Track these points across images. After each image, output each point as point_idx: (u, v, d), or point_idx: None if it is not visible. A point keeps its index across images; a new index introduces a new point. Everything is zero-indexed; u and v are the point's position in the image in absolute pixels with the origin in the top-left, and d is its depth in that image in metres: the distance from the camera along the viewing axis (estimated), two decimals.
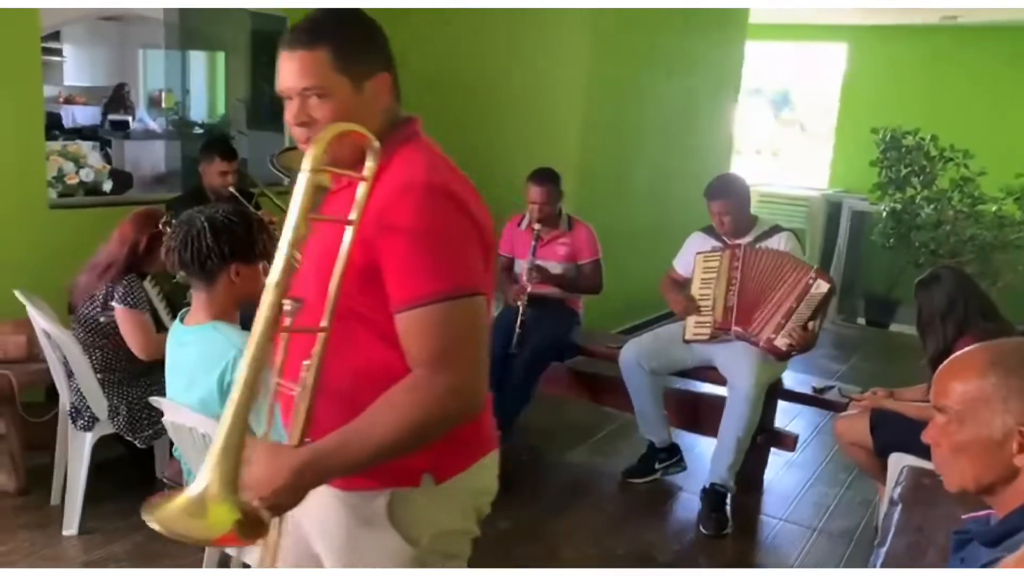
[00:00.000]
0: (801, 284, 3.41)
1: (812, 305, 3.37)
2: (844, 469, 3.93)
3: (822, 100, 8.51)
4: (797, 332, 3.35)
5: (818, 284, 3.39)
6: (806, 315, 3.37)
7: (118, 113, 6.01)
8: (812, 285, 3.39)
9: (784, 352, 3.39)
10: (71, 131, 6.36)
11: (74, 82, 6.41)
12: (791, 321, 3.38)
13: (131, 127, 6.54)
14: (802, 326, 3.35)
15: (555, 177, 3.93)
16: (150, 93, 6.63)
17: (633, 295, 5.76)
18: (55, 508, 3.11)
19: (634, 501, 3.56)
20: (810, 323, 3.36)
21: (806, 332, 3.35)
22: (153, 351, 2.84)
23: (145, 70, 6.47)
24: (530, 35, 5.08)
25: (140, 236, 2.92)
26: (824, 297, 3.38)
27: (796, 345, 3.36)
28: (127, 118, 6.60)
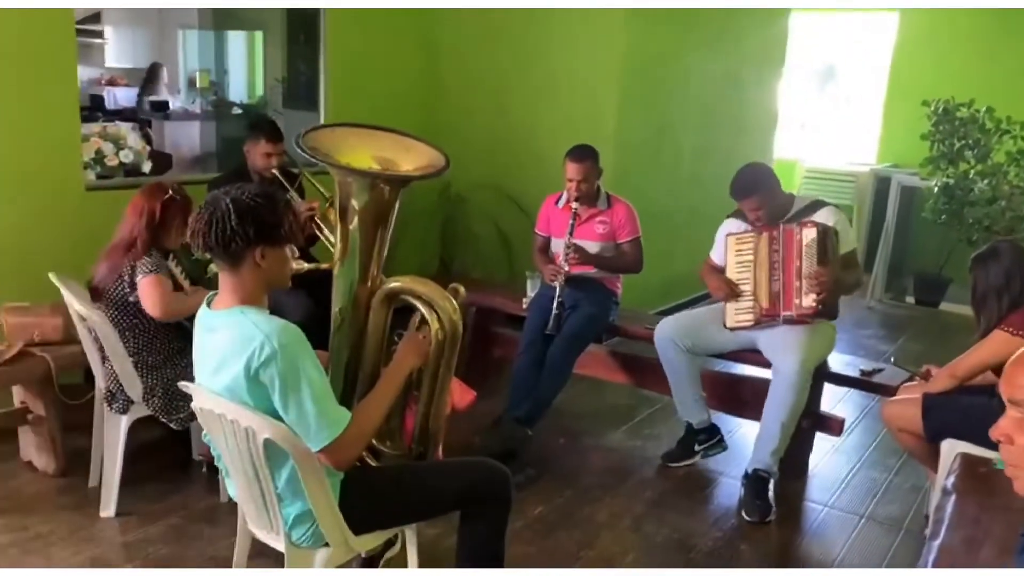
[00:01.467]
0: (795, 243, 3.29)
1: (812, 255, 3.24)
2: (893, 454, 3.80)
3: (870, 72, 8.23)
4: (811, 281, 3.21)
5: (804, 234, 3.27)
6: (811, 264, 3.23)
7: (153, 94, 6.03)
8: (801, 238, 3.27)
9: (816, 308, 3.22)
10: (113, 112, 6.41)
11: (115, 64, 6.45)
12: (804, 278, 3.25)
13: (171, 108, 6.56)
14: (815, 274, 3.20)
15: (594, 154, 3.83)
16: (189, 74, 6.64)
17: (671, 275, 5.64)
18: (93, 490, 3.13)
19: (673, 486, 3.48)
20: (821, 269, 3.20)
21: (820, 276, 3.18)
22: (168, 309, 2.85)
23: (184, 51, 6.48)
24: (566, 11, 4.96)
25: (154, 204, 2.90)
26: (817, 242, 3.23)
27: (821, 291, 3.19)
28: (167, 99, 6.63)
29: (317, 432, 1.86)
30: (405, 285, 2.12)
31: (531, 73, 5.15)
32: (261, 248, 1.92)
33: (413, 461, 2.25)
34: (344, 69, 4.88)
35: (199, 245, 1.92)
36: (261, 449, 1.92)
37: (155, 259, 2.89)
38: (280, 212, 1.94)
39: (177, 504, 3.09)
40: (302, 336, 1.91)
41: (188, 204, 2.98)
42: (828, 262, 3.24)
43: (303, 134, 2.01)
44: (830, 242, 3.27)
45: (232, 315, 1.93)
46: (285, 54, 5.75)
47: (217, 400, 1.94)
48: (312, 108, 5.07)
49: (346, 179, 2.02)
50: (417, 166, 2.07)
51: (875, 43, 8.13)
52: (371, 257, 2.11)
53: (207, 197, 1.95)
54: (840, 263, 3.33)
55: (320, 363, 1.92)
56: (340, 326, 2.19)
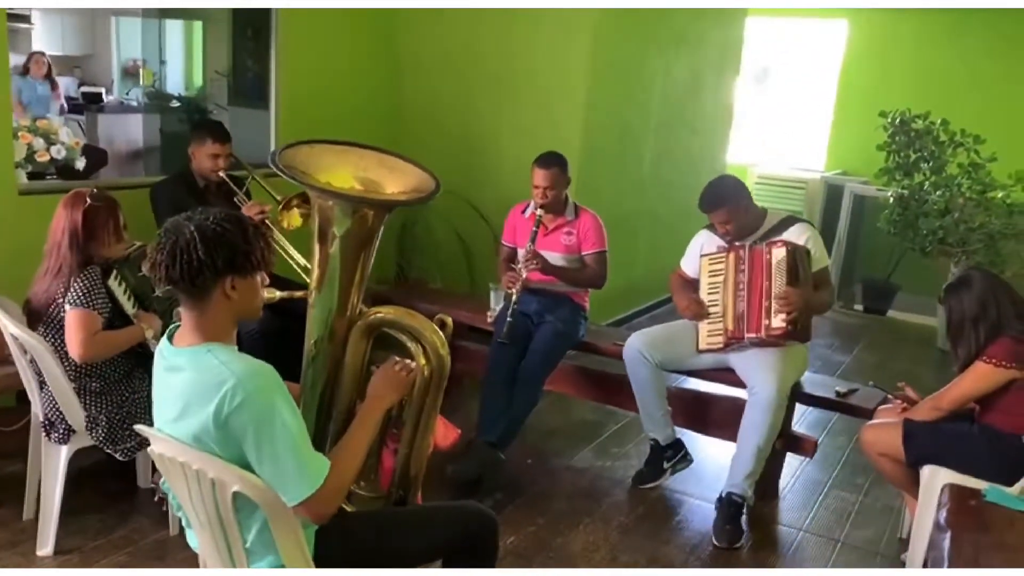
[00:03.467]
0: (764, 263, 3.23)
1: (781, 275, 3.17)
2: (861, 473, 3.77)
3: (818, 78, 8.28)
4: (781, 302, 3.14)
5: (773, 254, 3.21)
6: (781, 284, 3.16)
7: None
8: (770, 257, 3.21)
9: (785, 329, 3.14)
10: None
11: (44, 50, 6.05)
12: (773, 299, 3.17)
13: (105, 100, 6.21)
14: (783, 296, 3.13)
15: (562, 161, 3.71)
16: (124, 64, 6.29)
17: (634, 281, 5.57)
18: (29, 523, 2.87)
19: (645, 511, 3.37)
20: (790, 290, 3.13)
21: (790, 297, 3.11)
22: (89, 352, 2.60)
23: (118, 39, 6.13)
24: (530, 16, 4.81)
25: (75, 217, 2.66)
26: (787, 262, 3.16)
27: (791, 311, 3.12)
28: (100, 90, 6.27)
29: (295, 485, 1.68)
30: (389, 316, 1.95)
31: (495, 77, 4.99)
32: (231, 279, 1.74)
33: (393, 506, 2.09)
34: (298, 67, 4.64)
35: (160, 279, 1.72)
36: (230, 502, 1.74)
37: (88, 283, 2.63)
38: (250, 238, 1.76)
39: (123, 540, 2.86)
40: (277, 378, 1.72)
41: (114, 206, 2.75)
42: (798, 282, 3.17)
43: (279, 151, 1.82)
44: (800, 261, 3.20)
45: (198, 354, 1.73)
46: (230, 47, 5.47)
47: (180, 447, 1.75)
48: (262, 106, 4.82)
49: (326, 202, 1.84)
50: (403, 189, 1.91)
51: (824, 50, 8.18)
52: (352, 285, 1.93)
53: (166, 224, 1.74)
54: (812, 282, 3.27)
55: (295, 406, 1.74)
56: (315, 358, 2.01)
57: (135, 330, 2.73)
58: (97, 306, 2.63)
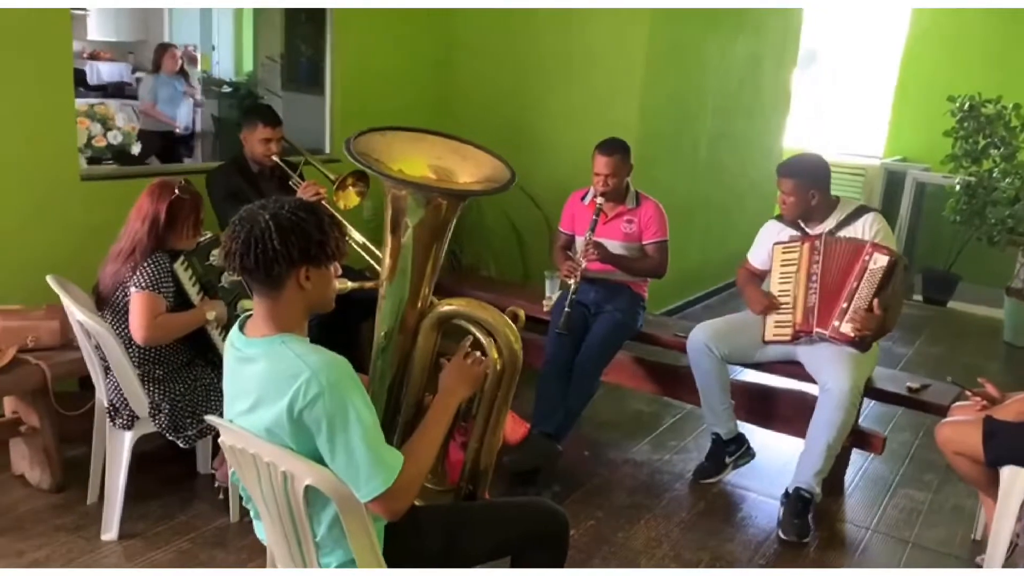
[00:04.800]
0: (859, 263, 3.12)
1: (873, 283, 3.07)
2: (929, 470, 3.65)
3: (878, 62, 8.05)
4: (860, 313, 3.05)
5: (875, 259, 3.09)
6: (868, 294, 3.07)
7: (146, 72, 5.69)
8: (869, 261, 3.10)
9: (852, 338, 3.08)
10: (95, 88, 6.08)
11: (98, 36, 6.11)
12: (853, 303, 3.09)
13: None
14: (866, 307, 3.05)
15: (624, 148, 3.62)
16: (178, 51, 6.31)
17: (688, 270, 5.46)
18: (92, 507, 2.90)
19: (707, 506, 3.29)
20: (875, 303, 3.04)
21: (871, 313, 3.04)
22: (151, 334, 2.60)
23: (171, 25, 6.16)
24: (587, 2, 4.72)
25: (159, 207, 2.66)
26: (885, 272, 3.07)
27: (861, 328, 3.05)
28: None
29: (369, 479, 1.64)
30: (461, 309, 1.91)
31: (550, 61, 4.90)
32: (306, 269, 1.70)
33: (462, 501, 2.05)
34: (353, 52, 4.60)
35: (234, 268, 1.69)
36: (301, 496, 1.71)
37: (156, 267, 2.63)
38: (326, 228, 1.72)
39: (184, 526, 2.86)
40: (351, 371, 1.68)
41: (198, 202, 2.75)
42: (885, 295, 3.07)
43: (353, 139, 1.77)
44: (897, 276, 3.10)
45: (272, 345, 1.70)
46: (283, 33, 5.46)
47: (251, 439, 1.72)
48: (316, 91, 4.80)
49: (400, 191, 1.79)
50: (477, 178, 1.85)
51: (886, 32, 7.95)
52: (424, 277, 1.89)
53: (241, 213, 1.71)
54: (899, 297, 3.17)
55: (369, 400, 1.70)
56: (384, 350, 1.97)
57: (197, 312, 2.73)
58: (163, 290, 2.64)
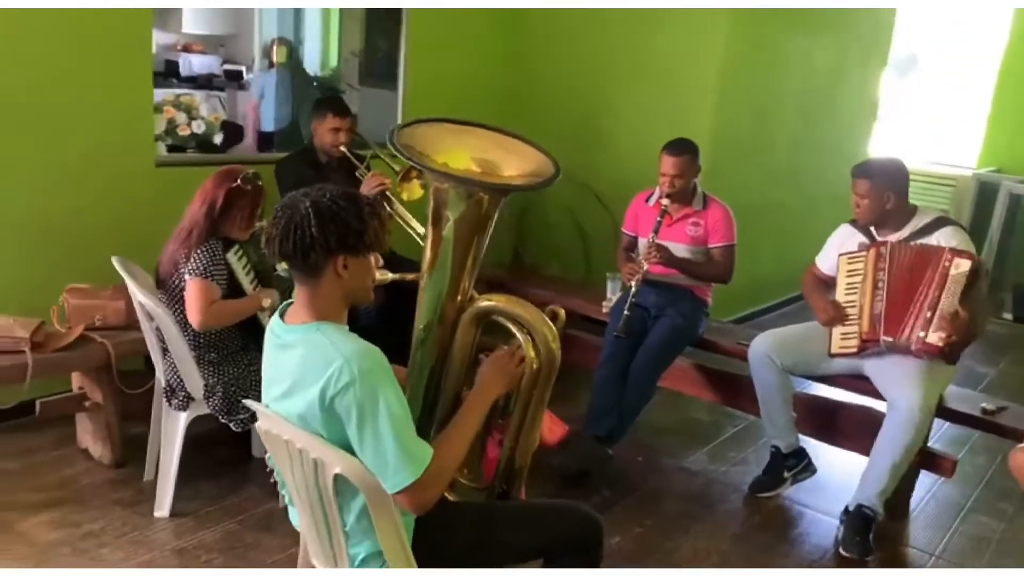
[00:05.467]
0: (940, 269, 2.97)
1: (956, 290, 2.93)
2: (1005, 498, 3.46)
3: (971, 68, 7.68)
4: (947, 320, 2.91)
5: (957, 264, 2.95)
6: (953, 302, 2.92)
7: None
8: (950, 267, 2.95)
9: (941, 348, 2.93)
10: (187, 79, 6.28)
11: (192, 30, 6.32)
12: (938, 312, 2.94)
13: (245, 77, 6.42)
14: (952, 313, 2.91)
15: (693, 148, 3.54)
16: (265, 43, 6.47)
17: (759, 277, 5.31)
18: (148, 484, 2.98)
19: (762, 520, 3.19)
20: (961, 308, 2.90)
21: (958, 319, 2.90)
22: (206, 320, 2.65)
23: (261, 19, 6.31)
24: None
25: (218, 192, 2.71)
26: (969, 276, 2.92)
27: (952, 333, 2.90)
28: (240, 67, 6.48)
29: (396, 471, 1.63)
30: (500, 305, 1.87)
31: (624, 58, 4.82)
32: (343, 257, 1.70)
33: (495, 500, 2.02)
34: (426, 47, 4.63)
35: (274, 252, 1.70)
36: (331, 484, 1.71)
37: (208, 254, 2.68)
38: (365, 217, 1.71)
39: (234, 507, 2.92)
40: (385, 361, 1.68)
41: (258, 195, 2.79)
42: (971, 301, 2.92)
43: (397, 129, 1.76)
44: (980, 280, 2.96)
45: (309, 332, 1.71)
46: (364, 27, 5.54)
47: (284, 425, 1.73)
48: (390, 86, 4.84)
49: (441, 184, 1.78)
50: (522, 172, 1.82)
51: (983, 37, 7.58)
52: (463, 270, 1.86)
53: (284, 200, 1.72)
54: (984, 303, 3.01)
55: (401, 390, 1.69)
56: (423, 342, 1.96)
57: (253, 299, 2.77)
58: (216, 277, 2.69)
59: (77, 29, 3.27)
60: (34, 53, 3.18)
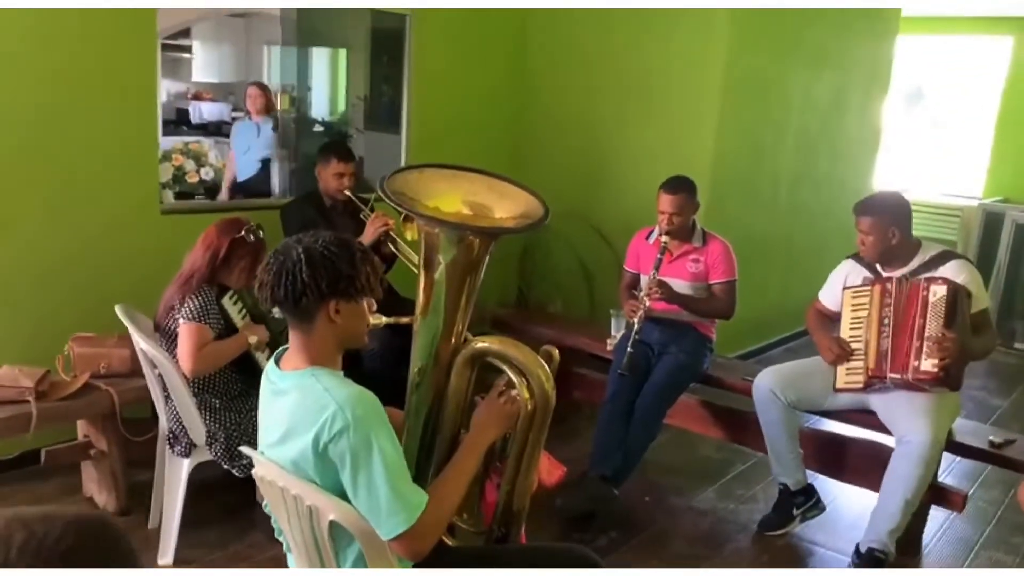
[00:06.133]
0: (919, 300, 2.97)
1: (939, 315, 2.91)
2: (1019, 532, 3.41)
3: (975, 99, 7.71)
4: (936, 345, 2.88)
5: (933, 291, 2.94)
6: (937, 325, 2.90)
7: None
8: (929, 295, 2.95)
9: (936, 374, 2.90)
10: (198, 127, 6.39)
11: (202, 78, 6.45)
12: (925, 339, 2.92)
13: None
14: (939, 337, 2.88)
15: (690, 186, 3.56)
16: (274, 91, 6.57)
17: (764, 313, 5.30)
18: (153, 532, 2.97)
19: (771, 559, 3.15)
20: (946, 332, 2.87)
21: (946, 341, 2.86)
22: (197, 365, 2.66)
23: (269, 67, 6.43)
24: (660, 33, 4.69)
25: (222, 241, 2.75)
26: (947, 301, 2.91)
27: (945, 357, 2.86)
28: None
29: (389, 518, 1.63)
30: (494, 347, 1.88)
31: (626, 97, 4.88)
32: (335, 302, 1.71)
33: (493, 544, 2.01)
34: (428, 92, 4.70)
35: (267, 298, 1.72)
36: (326, 531, 1.71)
37: (202, 301, 2.71)
38: (356, 262, 1.73)
39: (238, 554, 2.91)
40: (379, 406, 1.68)
41: (261, 248, 2.81)
42: (955, 325, 2.90)
43: (388, 177, 1.79)
44: (961, 302, 2.94)
45: (303, 378, 1.72)
46: (368, 72, 5.63)
47: (279, 472, 1.74)
48: (394, 130, 4.91)
49: (432, 229, 1.80)
50: (512, 215, 1.84)
51: (986, 69, 7.62)
52: (457, 312, 1.88)
53: (278, 246, 1.74)
54: (970, 325, 2.98)
55: (396, 436, 1.69)
56: (419, 385, 1.97)
57: (239, 338, 2.78)
58: (210, 322, 2.71)
59: (83, 76, 3.34)
60: (39, 99, 3.24)
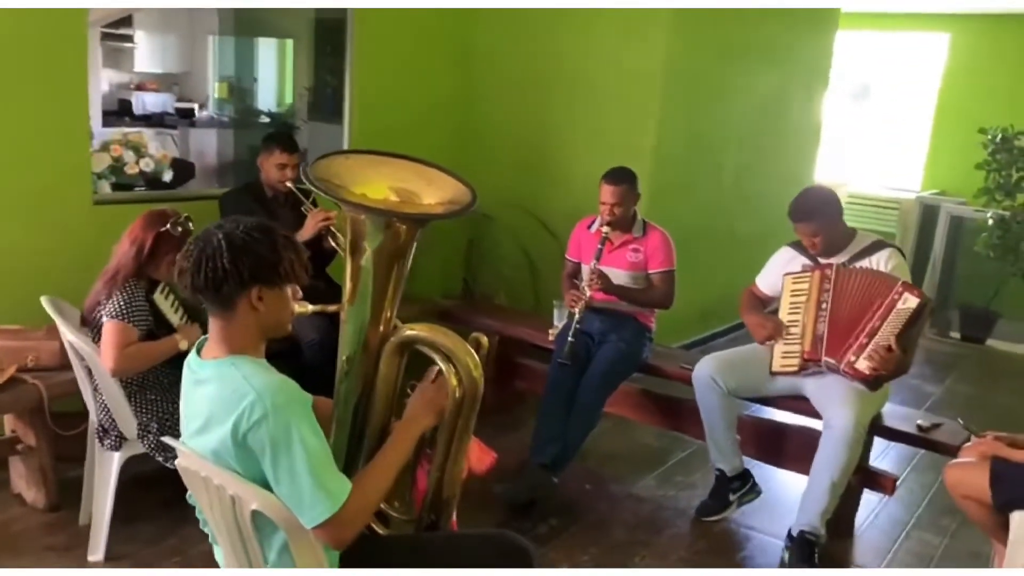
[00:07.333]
0: (887, 300, 3.01)
1: (898, 323, 2.96)
2: (947, 514, 3.50)
3: (916, 95, 7.91)
4: (880, 353, 2.94)
5: (905, 299, 2.99)
6: (891, 333, 2.96)
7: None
8: (898, 300, 2.99)
9: (867, 376, 2.98)
10: (141, 118, 6.24)
11: (145, 68, 6.31)
12: (873, 341, 2.98)
13: (196, 115, 6.41)
14: (886, 346, 2.94)
15: (631, 177, 3.58)
16: (219, 81, 6.45)
17: (708, 303, 5.37)
18: (84, 528, 2.91)
19: (708, 545, 3.20)
20: (895, 342, 2.93)
21: (890, 353, 2.93)
22: (119, 365, 2.59)
23: (215, 57, 6.31)
24: (603, 29, 4.72)
25: (147, 235, 2.69)
26: (913, 314, 2.96)
27: (879, 368, 2.94)
28: (192, 105, 6.48)
29: (311, 506, 1.61)
30: (422, 334, 1.88)
31: (569, 88, 4.89)
32: (257, 289, 1.69)
33: (423, 531, 2.00)
34: (370, 81, 4.66)
35: (186, 286, 1.69)
36: (249, 520, 1.69)
37: (129, 298, 2.65)
38: (279, 248, 1.71)
39: (172, 549, 2.86)
40: (300, 394, 1.67)
41: (185, 240, 2.77)
42: (907, 341, 2.97)
43: (312, 163, 1.77)
44: (922, 322, 3.02)
45: (222, 367, 1.69)
46: (312, 63, 5.56)
47: (201, 462, 1.71)
48: (337, 120, 4.86)
49: (358, 215, 1.78)
50: (440, 200, 1.83)
51: (923, 64, 7.81)
52: (384, 300, 1.87)
53: (200, 233, 1.72)
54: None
55: (319, 424, 1.68)
56: (347, 374, 1.95)
57: (169, 341, 2.73)
58: (135, 319, 2.65)
59: (11, 66, 3.24)
60: None
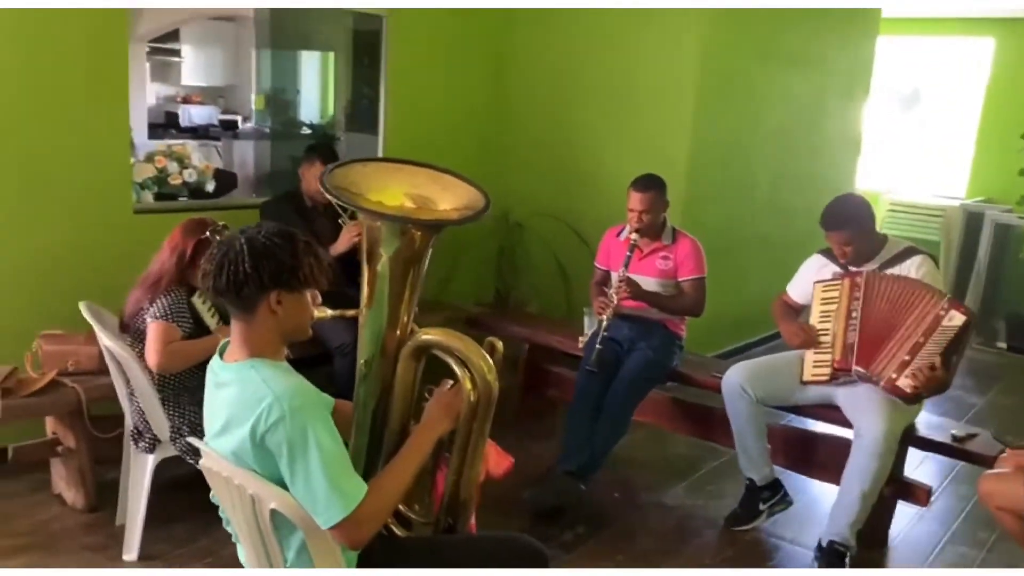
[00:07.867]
0: (930, 316, 2.95)
1: (943, 341, 2.91)
2: (985, 526, 3.42)
3: (961, 100, 7.74)
4: (924, 372, 2.89)
5: (951, 316, 2.92)
6: (935, 352, 2.91)
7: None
8: (944, 317, 2.93)
9: (908, 394, 2.93)
10: (187, 130, 6.41)
11: (191, 82, 6.48)
12: (917, 359, 2.93)
13: (240, 127, 6.55)
14: (930, 365, 2.89)
15: (660, 184, 3.58)
16: (263, 93, 6.60)
17: (742, 310, 5.31)
18: (120, 529, 2.99)
19: (736, 553, 3.17)
20: (940, 361, 2.88)
21: (934, 372, 2.88)
22: (163, 360, 2.68)
23: (258, 71, 6.45)
24: (639, 30, 4.72)
25: (187, 243, 2.77)
26: (959, 331, 2.91)
27: (922, 387, 2.90)
28: (236, 117, 6.62)
29: (326, 507, 1.65)
30: (437, 338, 1.90)
31: (604, 96, 4.90)
32: (277, 293, 1.73)
33: (441, 534, 2.02)
34: (404, 92, 4.71)
35: (209, 288, 1.74)
36: (268, 519, 1.73)
37: (172, 301, 2.74)
38: (299, 253, 1.75)
39: (203, 550, 2.93)
40: (318, 398, 1.71)
41: None
42: (951, 361, 2.92)
43: (329, 170, 1.81)
44: (967, 338, 2.97)
45: (242, 369, 1.74)
46: (350, 76, 5.66)
47: (223, 462, 1.76)
48: (373, 131, 4.94)
49: (373, 222, 1.82)
50: (455, 206, 1.86)
51: (969, 70, 7.66)
52: (401, 304, 1.89)
53: (222, 238, 1.77)
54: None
55: (336, 427, 1.71)
56: (366, 377, 1.98)
57: (211, 340, 2.80)
58: (178, 321, 2.73)
59: (55, 76, 3.35)
60: (7, 97, 3.24)
